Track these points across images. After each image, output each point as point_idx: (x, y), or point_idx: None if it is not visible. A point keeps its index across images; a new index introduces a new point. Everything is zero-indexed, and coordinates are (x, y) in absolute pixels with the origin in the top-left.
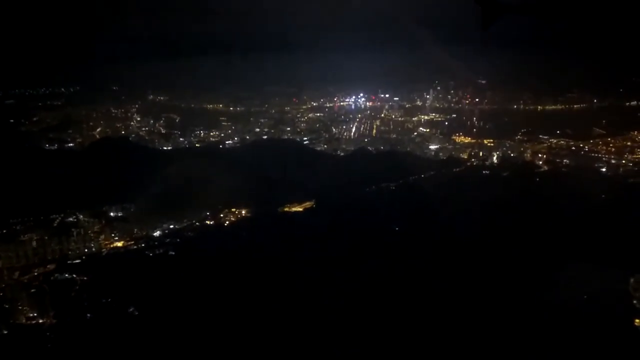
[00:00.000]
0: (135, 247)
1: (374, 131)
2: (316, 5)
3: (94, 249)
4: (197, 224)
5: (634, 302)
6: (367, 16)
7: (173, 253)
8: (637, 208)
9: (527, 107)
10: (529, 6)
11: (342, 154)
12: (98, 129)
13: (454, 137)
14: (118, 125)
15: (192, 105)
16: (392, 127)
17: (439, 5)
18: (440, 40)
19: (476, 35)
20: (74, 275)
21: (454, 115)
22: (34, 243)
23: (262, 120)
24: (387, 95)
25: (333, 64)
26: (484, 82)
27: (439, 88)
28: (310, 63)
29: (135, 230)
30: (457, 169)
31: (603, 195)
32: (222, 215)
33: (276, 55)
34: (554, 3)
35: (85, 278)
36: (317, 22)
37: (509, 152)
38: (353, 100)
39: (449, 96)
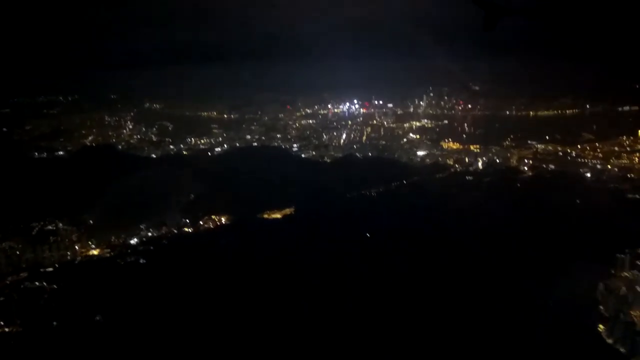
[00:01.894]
0: (109, 255)
1: (364, 138)
2: (314, 11)
3: (68, 257)
4: (175, 231)
5: (601, 307)
6: (363, 22)
7: (144, 261)
8: (611, 214)
9: (519, 113)
10: (529, 9)
11: (328, 160)
12: (90, 137)
13: (442, 144)
14: (110, 133)
15: (187, 113)
16: (382, 133)
17: (435, 10)
18: (435, 45)
19: (471, 40)
20: (44, 284)
21: (446, 122)
22: (10, 251)
23: (253, 128)
24: (380, 102)
25: (329, 71)
26: (477, 88)
27: (431, 94)
28: (306, 70)
29: (113, 238)
30: (440, 175)
31: (578, 201)
32: (201, 223)
33: (272, 62)
34: (554, 7)
35: (55, 286)
36: (314, 28)
37: (495, 157)
38: (347, 107)
39: (442, 102)
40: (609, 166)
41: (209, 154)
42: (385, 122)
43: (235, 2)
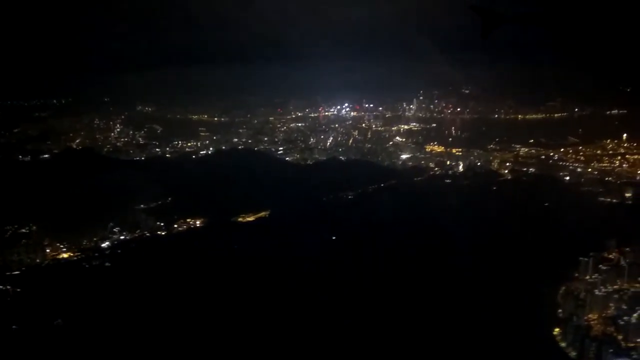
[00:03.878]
0: (76, 258)
1: (350, 141)
2: (308, 14)
3: (37, 260)
4: (148, 234)
5: (559, 310)
6: (357, 25)
7: (109, 264)
8: (580, 218)
9: (507, 116)
10: (527, 16)
11: (310, 163)
12: (77, 140)
13: (426, 147)
14: (98, 136)
15: (178, 116)
16: (369, 136)
17: (430, 14)
18: (428, 49)
19: (464, 44)
20: (8, 287)
21: (433, 125)
22: None
23: (241, 131)
24: (371, 105)
25: (322, 73)
26: (467, 91)
27: (421, 98)
28: (300, 72)
29: (85, 241)
30: (419, 178)
31: (546, 204)
32: (175, 226)
33: (265, 65)
34: (552, 14)
35: (18, 289)
36: (308, 31)
37: (477, 161)
38: (338, 110)
39: (432, 106)
40: (589, 169)
41: (193, 157)
42: (373, 125)
43: (231, 3)
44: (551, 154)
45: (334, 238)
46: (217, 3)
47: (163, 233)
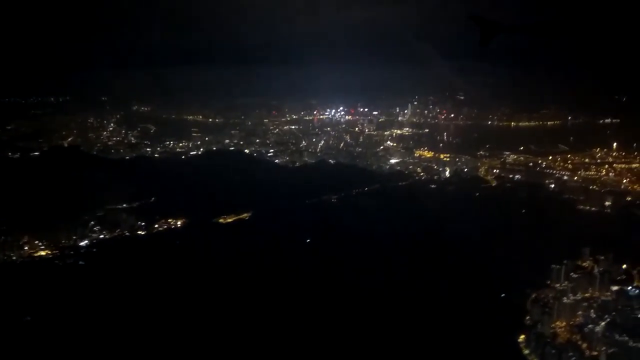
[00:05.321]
0: (52, 256)
1: (342, 144)
2: (308, 18)
3: (13, 258)
4: (127, 233)
5: (527, 318)
6: (358, 30)
7: (83, 263)
8: (557, 225)
9: (500, 123)
10: (525, 26)
11: (299, 165)
12: (69, 139)
13: (416, 152)
14: (90, 135)
15: (173, 117)
16: (360, 140)
17: (424, 21)
18: (426, 54)
19: (461, 51)
20: None
21: (426, 130)
22: None
23: (233, 132)
24: (366, 109)
25: (319, 76)
26: (462, 97)
27: (415, 103)
28: (297, 75)
29: (63, 240)
30: (403, 183)
31: (523, 210)
32: (156, 226)
33: (263, 67)
34: (549, 23)
35: None
36: (307, 34)
37: (464, 167)
38: (333, 113)
39: (426, 111)
40: (576, 178)
41: (183, 157)
42: (366, 130)
43: (229, 5)
44: (539, 161)
45: (307, 241)
46: (215, 4)
47: (142, 232)
